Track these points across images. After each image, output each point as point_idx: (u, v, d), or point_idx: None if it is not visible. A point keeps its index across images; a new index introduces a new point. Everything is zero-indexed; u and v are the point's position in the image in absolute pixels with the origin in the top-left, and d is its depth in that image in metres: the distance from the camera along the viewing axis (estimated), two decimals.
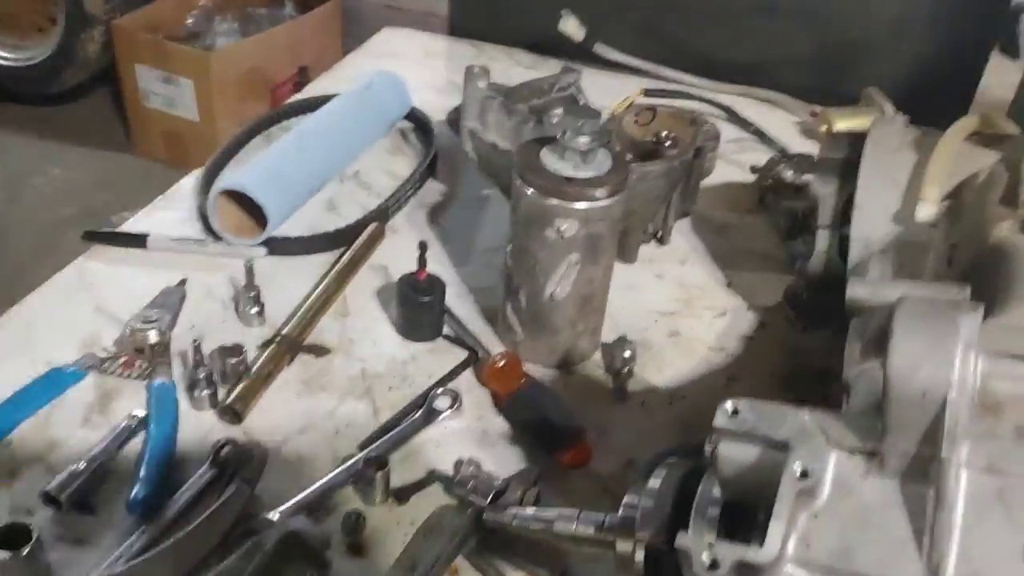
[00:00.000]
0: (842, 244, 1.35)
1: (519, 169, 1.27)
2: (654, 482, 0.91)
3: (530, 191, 1.25)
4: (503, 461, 1.23)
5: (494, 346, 1.40)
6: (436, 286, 1.39)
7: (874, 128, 1.35)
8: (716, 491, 0.86)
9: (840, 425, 0.76)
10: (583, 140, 1.24)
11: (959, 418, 0.69)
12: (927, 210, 1.23)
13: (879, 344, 0.81)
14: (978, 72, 2.17)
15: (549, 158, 1.27)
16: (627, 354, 1.37)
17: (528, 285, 1.32)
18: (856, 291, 0.82)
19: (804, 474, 0.74)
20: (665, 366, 1.41)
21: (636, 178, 1.35)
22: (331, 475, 1.18)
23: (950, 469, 0.70)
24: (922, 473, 0.72)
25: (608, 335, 1.42)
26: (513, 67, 2.26)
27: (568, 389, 1.35)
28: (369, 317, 1.45)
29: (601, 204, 1.24)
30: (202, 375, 1.25)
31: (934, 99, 2.02)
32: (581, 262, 1.28)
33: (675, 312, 1.51)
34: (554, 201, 1.24)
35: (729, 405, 0.80)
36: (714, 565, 0.72)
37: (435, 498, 1.17)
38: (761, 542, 0.79)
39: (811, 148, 1.97)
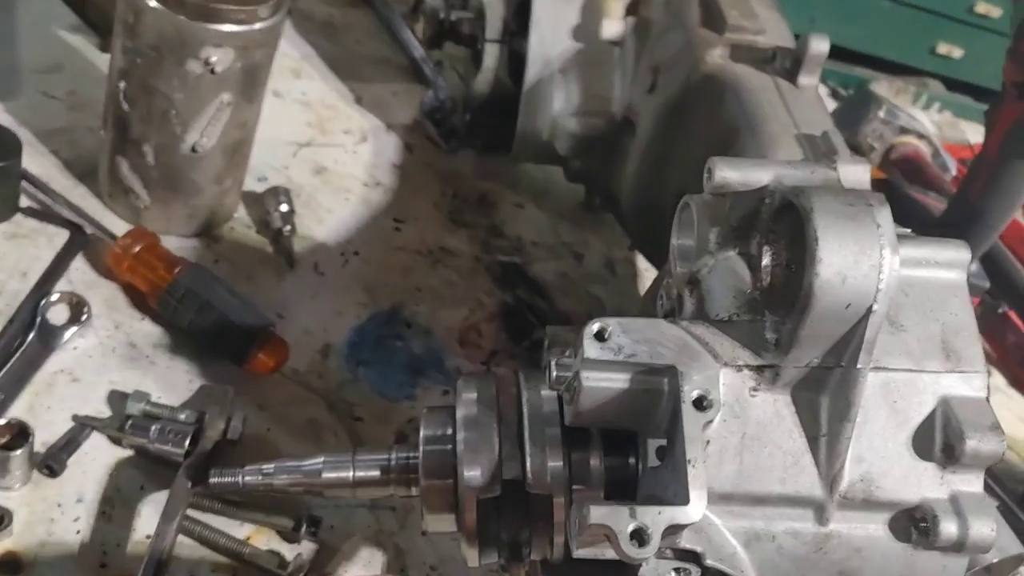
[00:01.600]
0: (511, 61, 1.20)
1: None
2: (465, 409, 0.73)
3: (159, 7, 0.88)
4: (172, 383, 0.93)
5: (101, 215, 1.03)
6: (8, 145, 0.96)
7: None
8: (548, 407, 0.72)
9: (728, 340, 0.66)
10: None
11: (878, 329, 0.64)
12: (613, 27, 1.13)
13: (743, 234, 0.71)
14: None
15: None
16: (284, 207, 1.11)
17: (158, 135, 0.97)
18: (725, 174, 0.69)
19: (701, 402, 0.64)
20: (324, 214, 1.17)
21: None
22: None
23: (862, 379, 0.65)
24: (815, 381, 0.66)
25: (246, 180, 1.13)
26: None
27: (221, 261, 1.06)
28: None
29: (263, 25, 0.93)
30: None
31: None
32: (234, 102, 0.96)
33: (312, 141, 1.26)
34: (201, 24, 0.89)
35: (596, 326, 0.65)
36: (642, 540, 0.59)
37: (100, 455, 0.86)
38: (637, 460, 0.69)
39: None
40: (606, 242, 1.32)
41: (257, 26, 0.91)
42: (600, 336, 0.66)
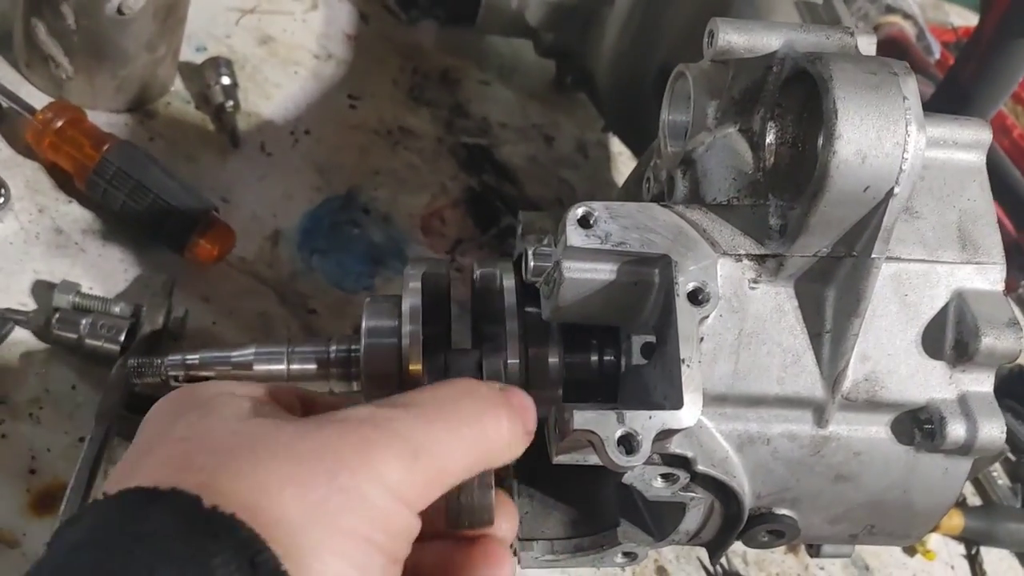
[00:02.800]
0: None
1: None
2: (413, 299, 0.66)
3: None
4: (105, 272, 0.85)
5: (17, 86, 0.92)
6: None
7: None
8: (507, 299, 0.66)
9: (728, 227, 0.59)
10: None
11: (898, 215, 0.57)
12: None
13: (745, 108, 0.63)
14: None
15: None
16: (225, 80, 1.00)
17: None
18: (730, 37, 0.60)
19: (697, 295, 0.57)
20: (271, 89, 1.07)
21: None
22: None
23: (876, 270, 0.58)
24: (822, 273, 0.60)
25: (183, 50, 1.02)
26: None
27: (157, 140, 0.96)
28: None
29: None
30: None
31: None
32: None
33: (257, 7, 1.14)
34: None
35: (580, 210, 0.57)
36: (630, 447, 0.53)
37: (26, 352, 0.77)
38: (599, 359, 0.64)
39: None
40: (578, 124, 1.23)
41: None
42: (585, 222, 0.58)
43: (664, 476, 0.61)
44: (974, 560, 1.03)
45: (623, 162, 1.22)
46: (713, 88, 0.63)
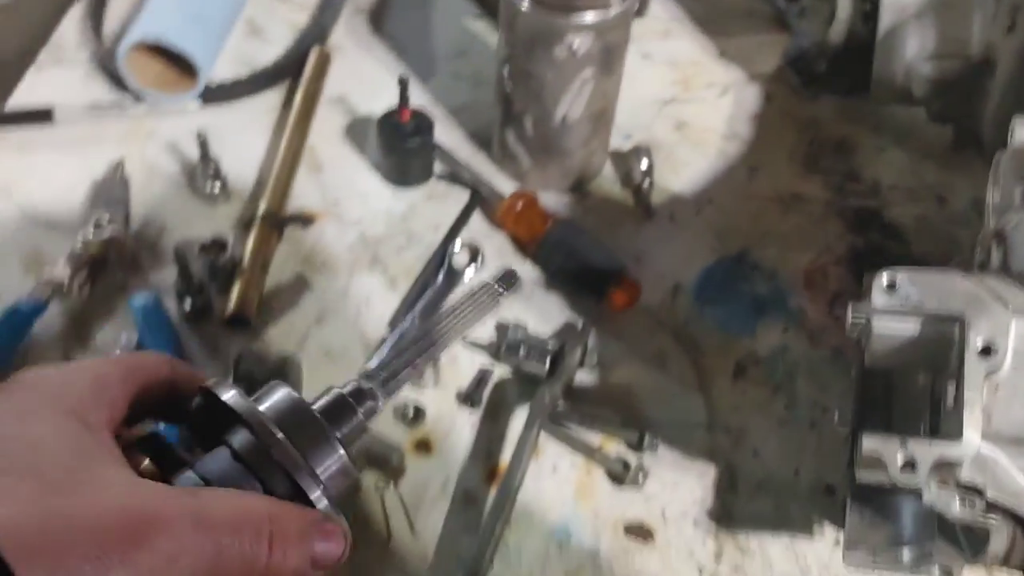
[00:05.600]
0: (865, 6, 1.22)
1: None
2: None
3: (526, 6, 1.05)
4: (544, 314, 1.13)
5: (493, 177, 1.25)
6: (423, 125, 1.21)
7: None
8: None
9: (1021, 291, 0.69)
10: None
11: None
12: None
13: None
14: None
15: None
16: (644, 165, 1.25)
17: (534, 110, 1.16)
18: None
19: (987, 350, 0.67)
20: (681, 167, 1.29)
21: None
22: (373, 363, 1.06)
23: None
24: None
25: (613, 138, 1.29)
26: None
27: (589, 213, 1.24)
28: (345, 166, 1.27)
29: (617, 11, 1.06)
30: (192, 281, 1.08)
31: None
32: (595, 77, 1.12)
33: (675, 98, 1.37)
34: (562, 17, 1.05)
35: (885, 278, 0.71)
36: (910, 465, 0.66)
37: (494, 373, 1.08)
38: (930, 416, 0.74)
39: None
40: (975, 184, 1.27)
41: (612, 13, 1.05)
42: (890, 287, 0.72)
43: (962, 499, 0.71)
44: None
45: None
46: (1019, 172, 0.72)
